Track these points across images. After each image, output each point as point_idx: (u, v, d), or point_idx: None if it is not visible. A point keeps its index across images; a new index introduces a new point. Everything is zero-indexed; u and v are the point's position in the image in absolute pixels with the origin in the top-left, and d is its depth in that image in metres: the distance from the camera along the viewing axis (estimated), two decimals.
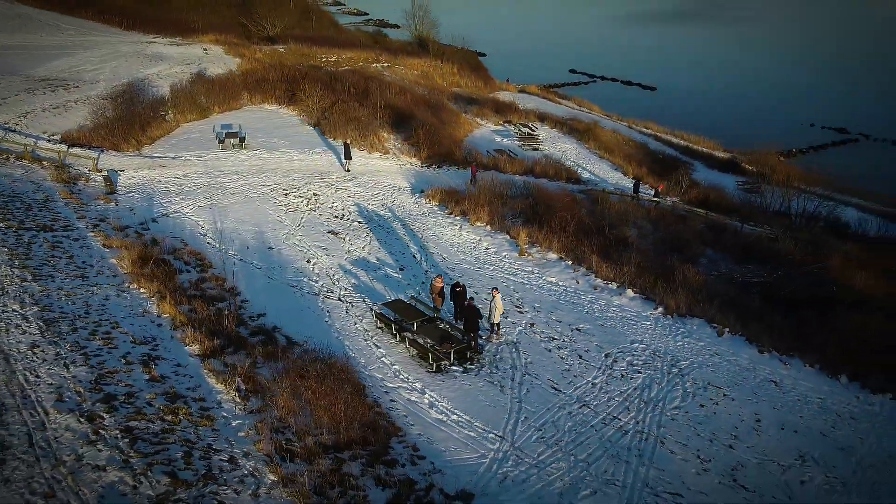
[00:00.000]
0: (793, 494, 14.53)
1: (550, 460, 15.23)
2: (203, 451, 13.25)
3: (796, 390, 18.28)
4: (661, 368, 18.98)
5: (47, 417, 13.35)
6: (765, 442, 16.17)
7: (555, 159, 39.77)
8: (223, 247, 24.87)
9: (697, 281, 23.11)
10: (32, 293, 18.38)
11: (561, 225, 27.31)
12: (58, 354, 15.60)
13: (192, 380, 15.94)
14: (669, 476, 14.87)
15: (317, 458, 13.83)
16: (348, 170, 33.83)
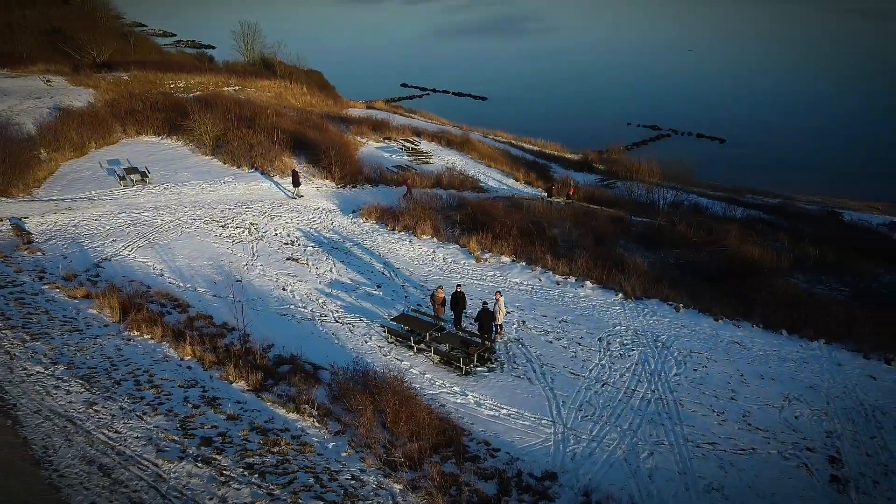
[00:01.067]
0: (796, 427, 17.84)
1: (602, 434, 17.34)
2: (329, 474, 13.85)
3: (756, 347, 21.98)
4: (648, 344, 21.86)
5: (159, 468, 13.24)
6: (755, 391, 19.50)
7: (457, 170, 42.06)
8: (188, 285, 24.31)
9: (642, 267, 26.41)
10: (44, 353, 17.37)
11: (504, 230, 29.54)
12: (122, 408, 15.20)
13: (261, 413, 16.17)
14: (700, 430, 17.60)
15: (419, 464, 14.86)
16: (300, 195, 34.29)
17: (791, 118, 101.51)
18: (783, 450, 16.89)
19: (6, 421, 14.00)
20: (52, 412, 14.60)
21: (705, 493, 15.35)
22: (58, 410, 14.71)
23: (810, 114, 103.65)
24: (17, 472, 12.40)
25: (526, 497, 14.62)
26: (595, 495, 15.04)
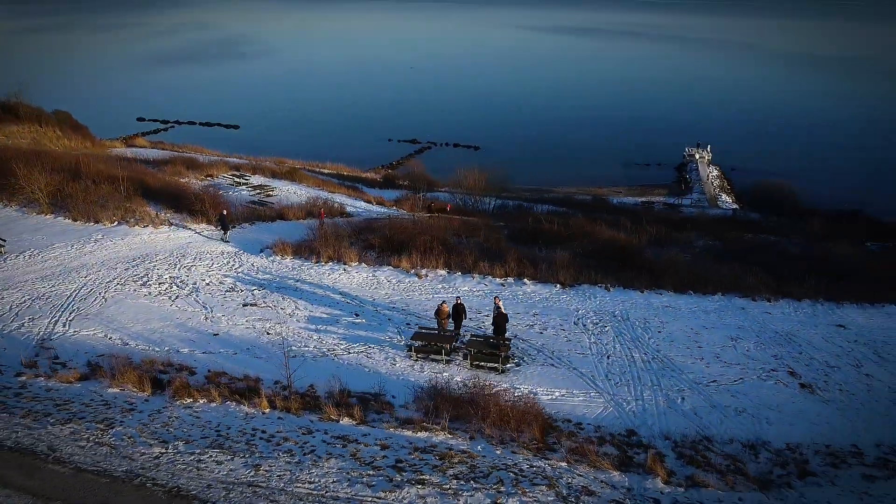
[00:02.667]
0: (753, 357, 23.72)
1: (638, 393, 21.42)
2: (516, 469, 15.98)
3: (682, 307, 27.94)
4: (611, 320, 26.52)
5: (387, 498, 14.34)
6: (709, 339, 25.12)
7: (322, 199, 43.13)
8: (165, 348, 23.35)
9: (564, 260, 31.12)
10: (135, 435, 16.49)
11: (424, 246, 32.23)
12: (287, 462, 15.55)
13: (401, 438, 17.39)
14: (698, 374, 22.59)
15: (550, 446, 17.56)
16: (227, 240, 33.02)
17: (529, 123, 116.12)
18: (758, 374, 22.48)
19: (193, 502, 13.62)
20: (225, 483, 14.39)
21: (738, 415, 20.15)
22: (230, 480, 14.51)
23: (546, 118, 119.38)
24: None
25: (637, 450, 17.96)
26: (674, 436, 18.93)
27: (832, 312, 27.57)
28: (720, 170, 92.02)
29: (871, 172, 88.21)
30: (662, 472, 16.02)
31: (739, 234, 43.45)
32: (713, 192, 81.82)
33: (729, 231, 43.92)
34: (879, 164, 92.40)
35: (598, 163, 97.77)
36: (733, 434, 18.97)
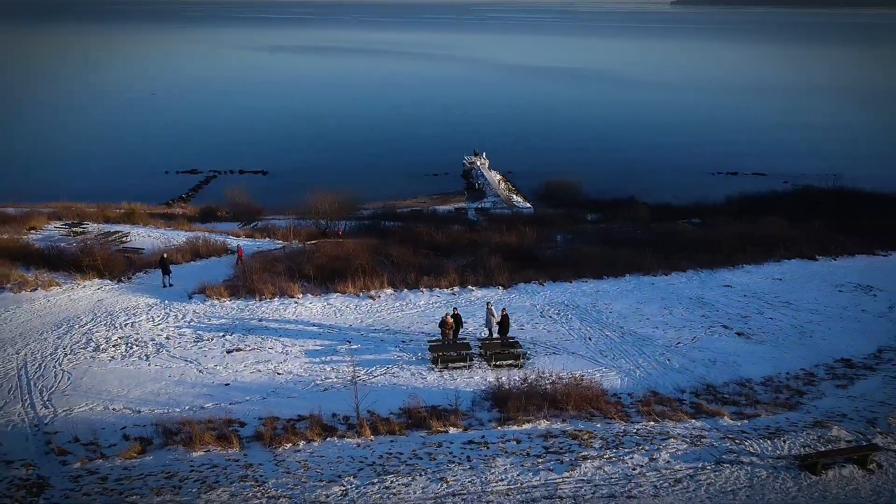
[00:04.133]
0: (693, 320, 29.50)
1: (637, 363, 25.64)
2: (615, 437, 19.24)
3: (611, 289, 32.90)
4: (566, 309, 30.59)
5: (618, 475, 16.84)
6: (652, 312, 30.20)
7: (202, 239, 41.36)
8: (185, 407, 22.53)
9: (494, 264, 34.58)
10: (293, 486, 16.80)
11: (362, 269, 33.66)
12: (504, 469, 17.15)
13: (516, 432, 19.65)
14: (668, 340, 27.49)
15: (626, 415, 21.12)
16: (171, 284, 30.68)
17: (308, 144, 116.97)
18: (704, 331, 28.09)
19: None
20: (433, 499, 15.60)
21: (713, 364, 25.32)
22: (434, 496, 15.67)
23: (324, 138, 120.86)
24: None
25: (675, 404, 22.04)
26: (686, 388, 23.48)
27: (712, 277, 34.53)
28: (501, 173, 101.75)
29: (626, 166, 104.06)
30: (725, 413, 20.15)
31: (577, 226, 50.26)
32: (506, 194, 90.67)
33: (569, 225, 50.54)
34: (631, 160, 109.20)
35: (389, 177, 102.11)
36: (723, 378, 23.90)
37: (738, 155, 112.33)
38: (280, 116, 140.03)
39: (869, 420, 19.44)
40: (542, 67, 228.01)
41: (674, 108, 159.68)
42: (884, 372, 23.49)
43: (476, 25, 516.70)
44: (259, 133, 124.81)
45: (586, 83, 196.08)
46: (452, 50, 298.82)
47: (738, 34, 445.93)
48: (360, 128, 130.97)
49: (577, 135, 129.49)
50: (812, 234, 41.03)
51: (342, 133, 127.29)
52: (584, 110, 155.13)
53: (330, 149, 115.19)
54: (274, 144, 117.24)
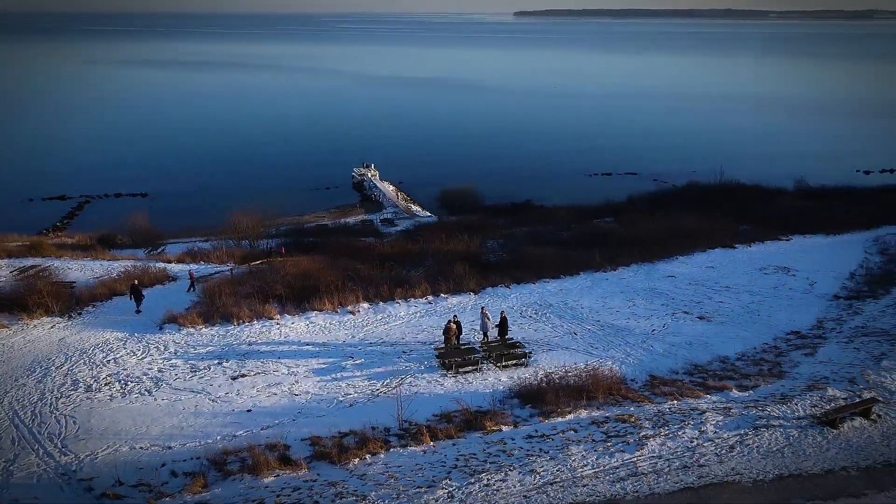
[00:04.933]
0: (656, 309, 32.49)
1: (628, 352, 27.77)
2: (649, 420, 21.41)
3: (572, 287, 35.15)
4: (542, 308, 32.58)
5: (637, 463, 18.75)
6: (616, 304, 32.76)
7: (140, 267, 39.55)
8: (220, 437, 22.37)
9: (462, 271, 35.96)
10: (401, 485, 17.49)
11: (335, 285, 34.00)
12: (583, 455, 18.58)
13: (582, 422, 21.26)
14: (645, 327, 30.20)
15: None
16: (140, 311, 29.77)
17: (183, 163, 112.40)
18: (671, 318, 31.06)
19: None
20: (537, 488, 16.89)
21: (690, 346, 28.18)
22: (533, 487, 16.96)
23: (198, 156, 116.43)
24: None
25: (677, 385, 24.51)
26: (679, 370, 26.10)
27: (654, 270, 37.84)
28: (392, 184, 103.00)
29: (508, 171, 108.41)
30: (730, 386, 22.81)
31: (506, 231, 52.70)
32: (404, 204, 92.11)
33: (496, 230, 52.85)
34: (511, 165, 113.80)
35: (277, 194, 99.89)
36: (705, 358, 26.72)
37: (605, 157, 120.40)
38: (149, 136, 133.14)
39: (849, 379, 22.71)
40: (409, 78, 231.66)
41: (540, 114, 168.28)
42: (833, 339, 27.23)
43: (331, 37, 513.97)
44: (130, 154, 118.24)
45: (453, 92, 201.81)
46: (317, 62, 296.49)
47: (585, 44, 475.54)
48: (239, 144, 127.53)
49: (457, 143, 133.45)
50: (719, 225, 45.69)
51: (221, 151, 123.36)
52: (457, 119, 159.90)
53: (211, 167, 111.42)
54: (148, 165, 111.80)
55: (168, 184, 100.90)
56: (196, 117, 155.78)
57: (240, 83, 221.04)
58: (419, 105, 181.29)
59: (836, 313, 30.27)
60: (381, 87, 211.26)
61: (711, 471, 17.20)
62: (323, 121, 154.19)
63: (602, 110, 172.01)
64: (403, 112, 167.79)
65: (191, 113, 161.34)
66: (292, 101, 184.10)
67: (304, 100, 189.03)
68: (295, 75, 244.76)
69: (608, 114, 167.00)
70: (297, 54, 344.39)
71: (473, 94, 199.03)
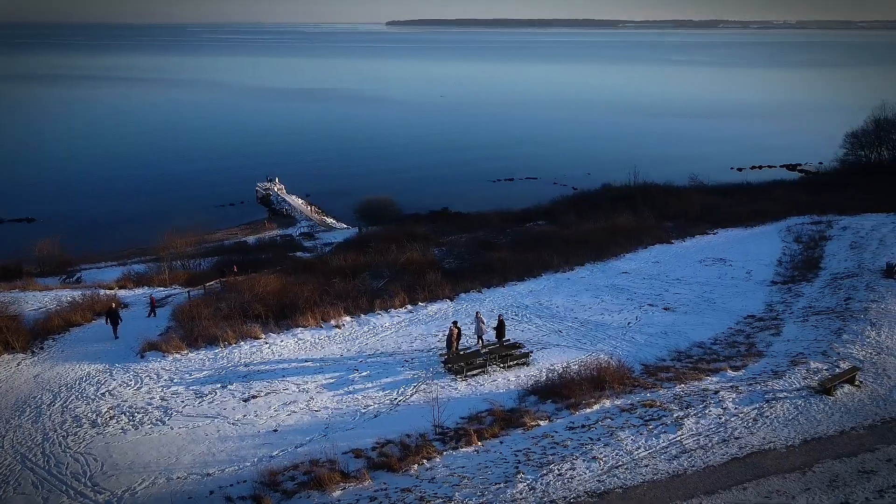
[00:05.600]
0: (624, 304, 34.93)
1: (615, 344, 29.89)
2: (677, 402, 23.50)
3: (540, 288, 37.04)
4: (518, 308, 34.10)
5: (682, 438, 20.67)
6: (588, 300, 34.87)
7: (89, 295, 37.63)
8: (256, 459, 22.42)
9: (435, 279, 36.90)
10: (471, 483, 18.40)
11: (313, 300, 34.13)
12: (633, 439, 20.09)
13: (611, 412, 22.86)
14: (617, 323, 32.35)
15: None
16: (117, 336, 28.88)
17: (70, 186, 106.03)
18: (641, 311, 33.49)
19: (594, 497, 17.51)
20: (601, 473, 18.36)
21: (666, 335, 30.54)
22: (599, 474, 18.46)
23: (85, 177, 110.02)
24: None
25: (675, 370, 26.65)
26: (665, 357, 28.38)
27: (607, 267, 40.40)
28: (300, 197, 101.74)
29: (412, 181, 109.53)
30: (726, 367, 25.25)
31: (448, 238, 53.99)
32: (318, 217, 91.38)
33: (437, 238, 54.06)
34: (414, 175, 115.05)
35: (179, 213, 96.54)
36: (684, 345, 29.12)
37: (502, 163, 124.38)
38: (26, 155, 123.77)
39: (821, 353, 25.67)
40: (296, 90, 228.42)
41: (432, 122, 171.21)
42: (789, 320, 30.46)
43: (206, 49, 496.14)
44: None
45: (342, 103, 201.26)
46: (195, 74, 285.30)
47: (460, 52, 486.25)
48: (127, 164, 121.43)
49: (357, 154, 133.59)
50: (648, 224, 49.18)
51: (106, 171, 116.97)
52: (353, 129, 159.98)
53: (96, 189, 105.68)
54: (28, 188, 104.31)
55: (56, 207, 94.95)
56: (71, 136, 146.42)
57: (112, 98, 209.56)
58: (312, 116, 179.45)
59: (780, 297, 33.66)
60: (269, 100, 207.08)
61: (748, 441, 19.16)
62: (213, 135, 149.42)
63: (489, 118, 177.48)
64: (297, 124, 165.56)
65: (64, 132, 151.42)
66: (176, 116, 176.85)
67: (189, 114, 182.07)
68: (174, 89, 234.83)
69: (496, 121, 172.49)
70: (173, 66, 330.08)
71: (363, 104, 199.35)
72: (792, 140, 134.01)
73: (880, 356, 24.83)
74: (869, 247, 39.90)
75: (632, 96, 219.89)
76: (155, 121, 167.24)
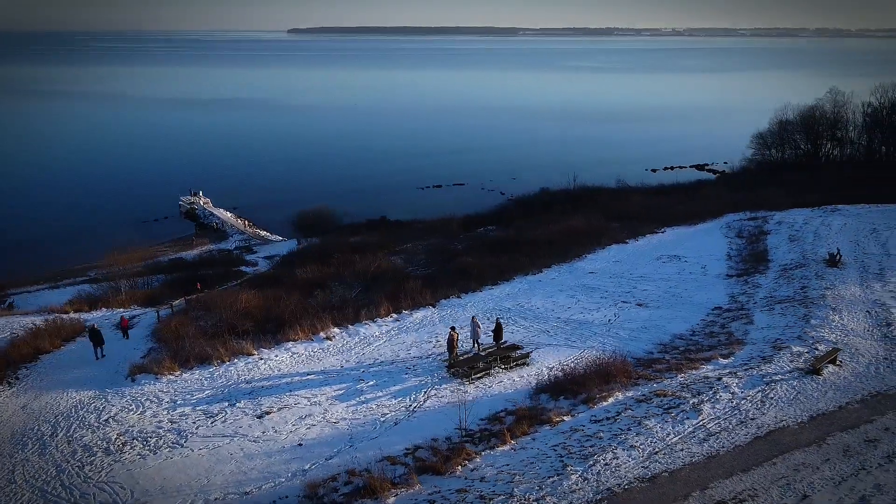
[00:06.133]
0: (602, 298, 36.70)
1: (600, 340, 31.40)
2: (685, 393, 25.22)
3: (515, 290, 38.28)
4: (500, 311, 35.00)
5: (705, 417, 22.33)
6: (565, 299, 36.32)
7: (52, 320, 36.00)
8: (290, 474, 22.52)
9: (416, 288, 37.42)
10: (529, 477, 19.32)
11: (296, 315, 34.08)
12: (661, 426, 21.41)
13: (629, 403, 24.20)
14: (599, 321, 33.99)
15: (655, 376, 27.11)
16: (103, 355, 28.56)
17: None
18: (618, 308, 35.21)
19: (658, 479, 18.84)
20: (645, 456, 19.65)
21: (647, 330, 32.43)
22: (642, 459, 19.77)
23: None
24: None
25: (666, 361, 28.40)
26: (653, 349, 30.18)
27: (573, 268, 42.12)
28: (228, 210, 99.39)
29: (336, 191, 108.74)
30: (716, 356, 27.18)
31: (403, 246, 54.55)
32: (251, 230, 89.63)
33: (391, 247, 54.54)
34: (332, 186, 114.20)
35: (100, 229, 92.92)
36: (666, 337, 30.96)
37: (427, 170, 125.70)
38: None
39: (797, 337, 28.02)
40: (202, 100, 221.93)
41: (349, 131, 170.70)
42: (755, 309, 32.91)
43: (92, 57, 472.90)
44: None
45: (254, 112, 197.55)
46: (89, 86, 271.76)
47: (366, 60, 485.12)
48: (35, 181, 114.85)
49: (278, 164, 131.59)
50: (598, 225, 51.46)
51: (14, 191, 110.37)
52: (270, 140, 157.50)
53: (7, 211, 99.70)
54: None
55: None
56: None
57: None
58: (226, 128, 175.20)
59: (740, 289, 36.23)
60: (177, 111, 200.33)
61: (763, 421, 20.86)
62: (124, 150, 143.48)
63: (405, 125, 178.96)
64: (212, 136, 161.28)
65: None
66: (78, 131, 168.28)
67: (93, 128, 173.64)
68: (69, 101, 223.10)
69: (413, 129, 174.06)
70: (60, 77, 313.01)
71: (276, 114, 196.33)
72: (696, 142, 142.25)
73: (849, 337, 27.31)
74: (806, 239, 43.37)
75: (541, 102, 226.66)
76: (54, 136, 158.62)
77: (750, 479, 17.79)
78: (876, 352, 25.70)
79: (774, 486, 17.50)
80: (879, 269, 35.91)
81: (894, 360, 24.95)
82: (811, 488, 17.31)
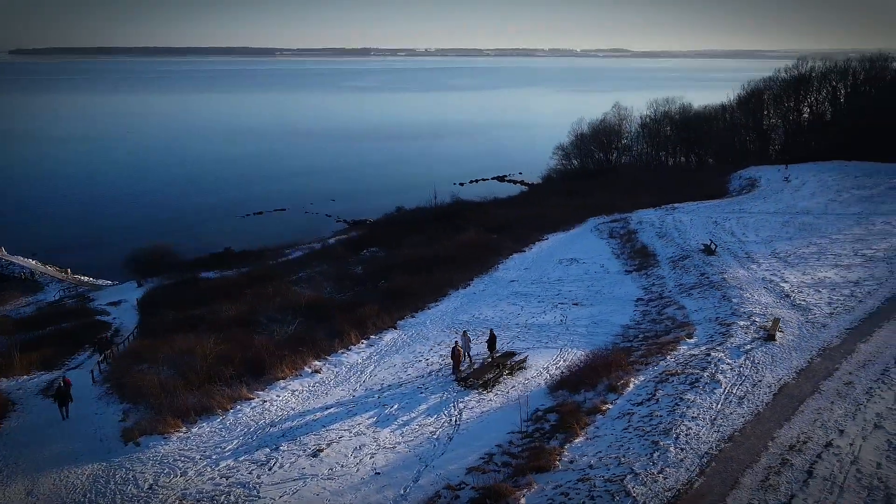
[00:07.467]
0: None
1: (567, 338, 35.38)
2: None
3: (474, 299, 40.98)
4: (462, 323, 37.25)
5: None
6: (526, 304, 39.95)
7: None
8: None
9: (373, 310, 38.21)
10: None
11: (274, 353, 33.66)
12: (706, 408, 25.25)
13: (643, 392, 27.87)
14: (558, 321, 37.91)
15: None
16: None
17: None
18: (562, 308, 39.20)
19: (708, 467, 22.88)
20: (690, 438, 23.56)
21: (599, 325, 36.92)
22: (702, 442, 23.67)
23: None
24: None
25: (643, 347, 32.88)
26: (622, 340, 34.76)
27: (493, 279, 45.30)
28: (29, 257, 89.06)
29: (149, 226, 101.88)
30: (682, 336, 32.10)
31: (311, 270, 53.97)
32: (75, 277, 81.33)
33: (283, 276, 53.82)
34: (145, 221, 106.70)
35: None
36: (618, 329, 35.52)
37: (238, 198, 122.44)
38: None
39: (731, 313, 33.88)
40: None
41: (137, 161, 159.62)
42: (674, 297, 38.60)
43: None
44: None
45: (30, 144, 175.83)
46: None
47: (114, 84, 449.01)
48: None
49: (75, 202, 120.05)
50: (484, 238, 55.40)
51: None
52: (57, 174, 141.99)
53: None
54: None
55: None
56: None
57: None
58: None
59: (647, 282, 42.04)
60: None
61: (768, 381, 25.60)
62: None
63: (193, 153, 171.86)
64: None
65: None
66: None
67: None
68: None
69: (204, 156, 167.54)
70: None
71: (49, 146, 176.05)
72: (485, 157, 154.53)
73: (769, 309, 33.62)
74: (672, 234, 50.94)
75: (333, 123, 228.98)
76: None
77: (797, 426, 22.08)
78: (797, 318, 32.00)
79: (815, 427, 21.97)
80: (745, 253, 43.71)
81: (814, 322, 31.27)
82: (840, 424, 22.01)
